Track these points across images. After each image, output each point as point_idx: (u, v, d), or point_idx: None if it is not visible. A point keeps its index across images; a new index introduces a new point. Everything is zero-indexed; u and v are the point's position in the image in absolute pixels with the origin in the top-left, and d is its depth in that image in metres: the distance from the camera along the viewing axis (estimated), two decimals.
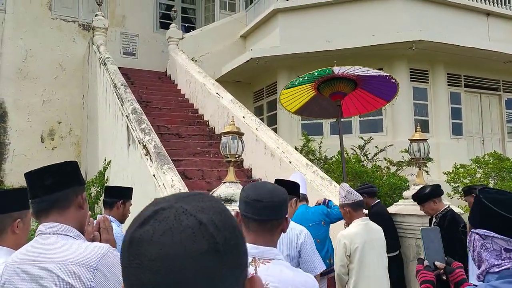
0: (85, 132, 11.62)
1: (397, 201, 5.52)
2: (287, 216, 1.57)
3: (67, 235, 1.54)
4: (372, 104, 5.27)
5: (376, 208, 4.69)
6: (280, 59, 10.45)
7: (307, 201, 4.36)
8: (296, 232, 2.71)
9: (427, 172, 8.57)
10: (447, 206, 4.04)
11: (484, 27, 10.86)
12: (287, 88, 5.07)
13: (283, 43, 10.56)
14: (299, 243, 2.65)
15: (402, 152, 8.54)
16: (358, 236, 3.30)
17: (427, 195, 3.98)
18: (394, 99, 4.88)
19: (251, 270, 1.46)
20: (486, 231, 1.36)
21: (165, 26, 13.75)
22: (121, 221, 3.42)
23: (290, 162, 7.11)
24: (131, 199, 3.63)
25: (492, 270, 1.34)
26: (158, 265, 0.59)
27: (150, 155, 5.82)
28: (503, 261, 1.32)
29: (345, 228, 3.59)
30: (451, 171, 8.16)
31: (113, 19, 13.22)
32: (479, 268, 1.40)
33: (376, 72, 4.67)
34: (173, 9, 12.90)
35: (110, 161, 8.13)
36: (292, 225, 2.69)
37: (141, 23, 13.77)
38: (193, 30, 13.50)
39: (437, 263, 1.97)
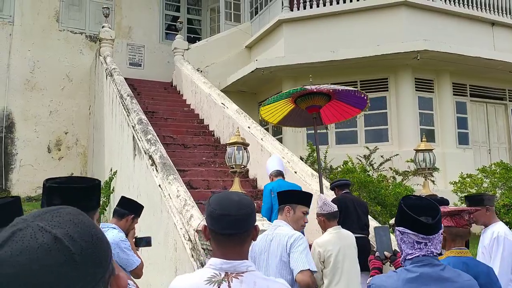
0: (92, 142, 11.69)
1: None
2: (256, 224, 1.54)
3: None
4: (348, 112, 5.72)
5: (338, 196, 5.24)
6: (285, 69, 10.49)
7: (283, 176, 5.34)
8: (287, 238, 2.72)
9: (433, 182, 8.53)
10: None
11: (489, 37, 10.86)
12: (264, 106, 5.51)
13: (288, 53, 10.61)
14: (289, 245, 2.69)
15: (408, 161, 8.52)
16: (331, 244, 3.58)
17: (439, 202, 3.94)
18: (366, 108, 5.54)
19: (224, 286, 1.44)
20: (404, 228, 1.79)
21: (171, 37, 13.87)
22: (125, 234, 3.42)
23: (296, 172, 7.11)
24: (139, 217, 3.65)
25: (408, 257, 1.78)
26: (17, 284, 0.63)
27: (156, 166, 5.84)
28: (415, 251, 1.77)
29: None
30: (457, 181, 8.12)
31: (120, 31, 13.35)
32: (401, 257, 1.86)
33: (345, 88, 5.26)
34: (178, 20, 13.02)
35: (116, 171, 8.16)
36: (286, 231, 2.78)
37: (147, 34, 13.90)
38: (198, 41, 13.60)
39: (386, 253, 2.61)
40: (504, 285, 3.26)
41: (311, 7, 10.79)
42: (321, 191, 4.92)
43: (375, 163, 9.22)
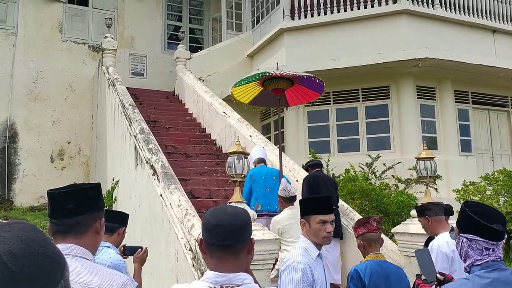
0: (94, 152, 11.72)
1: (405, 220, 5.46)
2: (251, 237, 1.54)
3: (85, 258, 1.54)
4: (309, 95, 6.46)
5: (310, 174, 6.01)
6: None
7: (265, 163, 6.07)
8: (282, 265, 2.59)
9: (436, 189, 8.49)
10: (451, 226, 3.90)
11: (490, 44, 10.87)
12: (235, 87, 6.14)
13: (289, 62, 10.64)
14: (280, 272, 2.55)
15: (410, 169, 8.49)
16: (287, 219, 4.70)
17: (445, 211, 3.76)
18: (323, 92, 6.36)
19: None
20: (472, 235, 1.83)
21: (173, 46, 13.95)
22: (117, 247, 3.21)
23: (297, 181, 7.10)
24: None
25: (476, 263, 1.82)
26: None
27: (157, 175, 5.84)
28: (484, 257, 1.81)
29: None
30: (460, 188, 8.09)
31: (122, 41, 13.45)
32: (465, 262, 1.88)
33: (307, 74, 6.02)
34: (180, 30, 13.10)
35: (118, 181, 8.17)
36: (290, 255, 2.52)
37: (149, 44, 13.99)
38: (200, 50, 13.67)
39: (438, 275, 2.50)
40: None
41: (312, 16, 10.85)
42: (281, 174, 5.71)
43: (377, 171, 9.20)
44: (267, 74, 5.66)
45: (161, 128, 9.66)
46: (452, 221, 4.22)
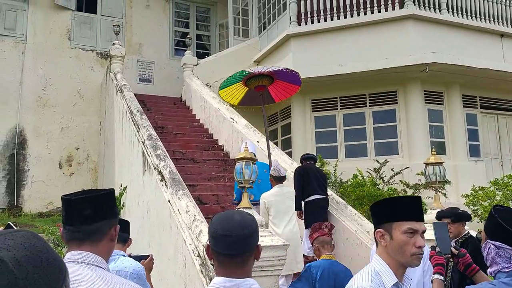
0: (102, 158, 11.78)
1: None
2: (258, 244, 1.53)
3: (100, 266, 1.53)
4: (290, 89, 6.85)
5: (303, 165, 6.46)
6: None
7: (254, 155, 6.24)
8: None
9: (445, 195, 8.43)
10: (467, 232, 3.93)
11: (498, 48, 10.81)
12: (221, 89, 6.57)
13: (296, 68, 10.56)
14: None
15: (418, 174, 8.45)
16: (273, 196, 5.39)
17: (461, 216, 3.90)
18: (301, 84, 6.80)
19: None
20: (500, 243, 1.83)
21: (180, 53, 14.03)
22: None
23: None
24: None
25: (503, 270, 1.82)
26: None
27: (165, 181, 5.86)
28: (511, 264, 1.82)
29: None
30: (469, 193, 8.02)
31: (130, 47, 13.55)
32: (490, 267, 1.89)
33: (280, 67, 6.43)
34: (188, 36, 13.17)
35: (126, 187, 8.20)
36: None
37: (157, 51, 14.08)
38: (207, 56, 13.73)
39: (453, 249, 2.51)
40: None
41: (318, 21, 10.86)
42: (269, 158, 6.34)
43: (385, 176, 9.16)
44: (247, 73, 6.05)
45: (168, 134, 9.70)
46: (467, 227, 4.20)
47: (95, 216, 1.55)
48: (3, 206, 11.43)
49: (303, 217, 6.10)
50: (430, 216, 4.60)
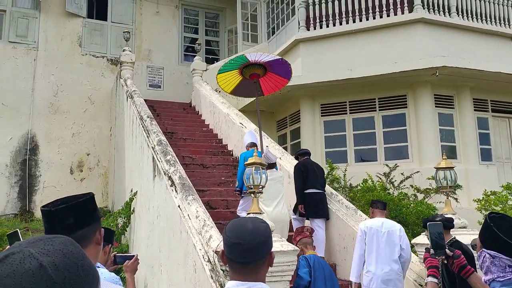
0: (113, 164, 11.86)
1: (425, 231, 5.38)
2: (271, 251, 1.55)
3: None
4: (280, 83, 7.07)
5: (301, 161, 6.77)
6: (302, 88, 10.53)
7: (256, 146, 6.74)
8: None
9: (456, 199, 8.36)
10: (453, 237, 4.03)
11: (509, 52, 10.73)
12: (219, 74, 6.77)
13: (305, 72, 10.66)
14: None
15: (429, 179, 8.38)
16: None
17: (445, 224, 3.97)
18: (291, 77, 7.04)
19: None
20: (495, 252, 1.80)
21: (189, 58, 14.12)
22: (104, 266, 2.93)
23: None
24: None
25: (498, 279, 1.81)
26: None
27: (175, 186, 5.88)
28: (506, 273, 1.80)
29: None
30: (481, 198, 7.94)
31: (140, 54, 13.66)
32: (485, 275, 1.88)
33: (276, 57, 6.67)
34: (197, 42, 13.25)
35: (136, 192, 8.24)
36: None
37: (166, 57, 14.18)
38: (216, 61, 13.80)
39: (447, 251, 2.50)
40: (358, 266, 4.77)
41: (327, 26, 10.86)
42: (261, 148, 6.58)
43: (395, 180, 9.10)
44: (245, 59, 6.41)
45: (178, 139, 9.74)
46: (455, 233, 4.18)
47: (77, 224, 1.54)
48: (15, 212, 11.55)
49: (303, 210, 6.41)
50: None
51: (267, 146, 6.74)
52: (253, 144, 6.94)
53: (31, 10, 12.83)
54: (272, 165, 5.93)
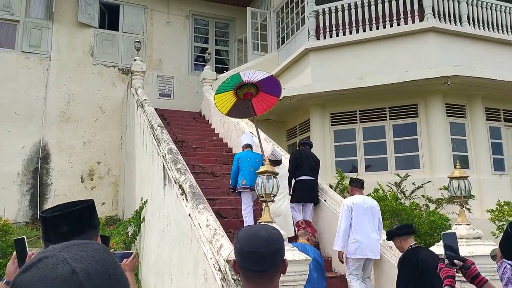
0: (123, 172, 11.91)
1: (438, 241, 5.31)
2: (284, 258, 1.53)
3: None
4: (270, 101, 7.47)
5: (298, 149, 7.37)
6: (312, 97, 10.53)
7: (251, 148, 7.25)
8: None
9: (469, 210, 8.23)
10: (413, 244, 4.27)
11: None
12: (216, 94, 7.17)
13: (315, 81, 10.66)
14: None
15: (441, 189, 8.29)
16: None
17: (391, 234, 4.43)
18: (281, 95, 7.67)
19: None
20: None
21: (199, 68, 14.20)
22: None
23: (325, 201, 7.03)
24: None
25: None
26: None
27: (186, 195, 5.88)
28: None
29: None
30: (494, 208, 7.82)
31: (150, 63, 13.78)
32: (506, 287, 1.93)
33: (266, 74, 7.01)
34: (207, 51, 13.33)
35: (146, 201, 8.26)
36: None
37: (176, 66, 14.28)
38: (226, 71, 13.85)
39: (456, 261, 2.43)
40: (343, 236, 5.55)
41: (337, 35, 10.87)
42: (261, 149, 7.10)
43: (406, 190, 9.01)
44: (240, 78, 6.81)
45: (188, 148, 9.77)
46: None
47: (71, 232, 1.52)
48: (26, 220, 11.62)
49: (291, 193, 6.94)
50: (456, 231, 4.50)
51: (273, 147, 7.32)
52: (248, 146, 7.33)
53: (44, 21, 13.02)
54: (278, 162, 6.49)
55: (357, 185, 5.94)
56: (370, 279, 5.63)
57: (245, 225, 6.49)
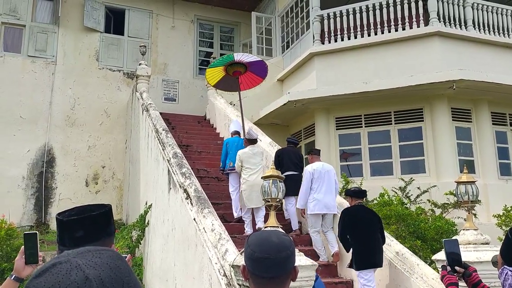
0: (127, 176, 11.92)
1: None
2: (295, 265, 1.51)
3: None
4: (255, 81, 8.54)
5: (283, 148, 7.90)
6: (317, 101, 10.51)
7: (239, 134, 8.12)
8: None
9: (475, 215, 8.17)
10: (358, 202, 5.66)
11: None
12: (209, 68, 8.24)
13: (320, 86, 10.65)
14: None
15: (447, 194, 8.23)
16: (245, 153, 6.97)
17: (347, 193, 5.88)
18: (266, 76, 8.81)
19: None
20: None
21: (204, 72, 14.18)
22: None
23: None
24: None
25: None
26: None
27: (191, 199, 5.87)
28: None
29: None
30: (501, 213, 7.76)
31: (155, 67, 13.81)
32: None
33: (257, 58, 8.23)
34: (212, 55, 13.35)
35: (151, 205, 8.25)
36: None
37: (181, 70, 14.31)
38: None
39: (457, 268, 2.44)
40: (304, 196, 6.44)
41: (342, 39, 10.87)
42: (243, 129, 8.20)
43: (411, 195, 8.95)
44: (232, 57, 7.82)
45: (193, 152, 9.76)
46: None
47: (87, 237, 1.50)
48: (31, 223, 11.64)
49: None
50: (463, 237, 4.46)
51: (250, 127, 8.19)
52: (237, 132, 8.11)
53: (50, 25, 13.09)
54: (253, 141, 7.19)
55: (316, 153, 6.99)
56: (332, 231, 6.41)
57: (233, 207, 7.23)
